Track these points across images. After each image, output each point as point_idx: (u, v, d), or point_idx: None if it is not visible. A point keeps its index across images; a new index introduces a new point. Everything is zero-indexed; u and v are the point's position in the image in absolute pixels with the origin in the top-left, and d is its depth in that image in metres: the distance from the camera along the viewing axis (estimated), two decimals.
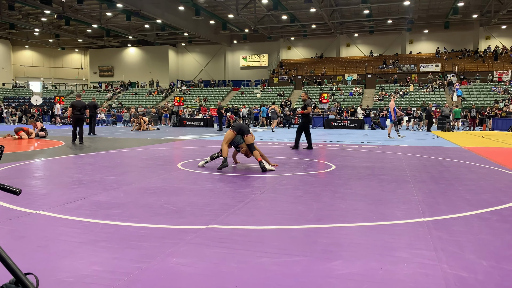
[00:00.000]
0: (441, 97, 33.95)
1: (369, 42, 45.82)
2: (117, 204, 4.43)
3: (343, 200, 4.76)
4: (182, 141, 14.04)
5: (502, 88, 33.59)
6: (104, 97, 43.93)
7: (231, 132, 7.25)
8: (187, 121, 27.00)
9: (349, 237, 3.38)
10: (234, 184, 5.76)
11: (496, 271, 2.66)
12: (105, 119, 29.69)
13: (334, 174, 6.72)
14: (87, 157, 8.94)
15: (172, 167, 7.33)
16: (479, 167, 7.68)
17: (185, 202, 4.59)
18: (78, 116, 12.83)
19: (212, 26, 43.56)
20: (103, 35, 43.97)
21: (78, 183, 5.68)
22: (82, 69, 54.69)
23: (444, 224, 3.74)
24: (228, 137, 7.25)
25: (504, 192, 5.26)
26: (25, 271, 1.83)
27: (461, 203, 4.64)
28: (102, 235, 3.35)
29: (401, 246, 3.13)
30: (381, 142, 13.91)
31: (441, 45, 42.90)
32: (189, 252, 2.98)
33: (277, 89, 40.34)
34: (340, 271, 2.65)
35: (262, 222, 3.79)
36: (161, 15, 34.93)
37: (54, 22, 38.66)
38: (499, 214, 4.12)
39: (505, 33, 41.65)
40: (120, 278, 2.51)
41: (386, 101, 34.35)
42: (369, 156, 9.59)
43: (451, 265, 2.75)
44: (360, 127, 24.55)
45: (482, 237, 3.38)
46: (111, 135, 17.07)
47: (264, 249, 3.06)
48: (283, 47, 48.64)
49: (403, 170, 7.24)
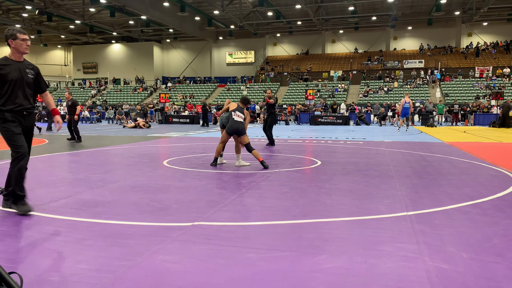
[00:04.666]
0: (424, 93, 34.44)
1: (354, 38, 46.19)
2: (102, 202, 4.40)
3: (329, 195, 4.81)
4: (168, 138, 13.97)
5: (483, 84, 34.24)
6: (89, 94, 43.33)
7: (225, 135, 7.15)
8: (173, 118, 26.85)
9: (334, 231, 3.43)
10: (220, 181, 5.77)
11: (475, 263, 2.74)
12: (89, 117, 29.31)
13: (319, 170, 6.79)
14: (72, 155, 8.83)
15: (158, 165, 7.30)
16: (461, 162, 7.84)
17: (171, 199, 4.59)
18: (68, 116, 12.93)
19: (198, 22, 43.31)
20: (87, 31, 43.36)
21: (62, 182, 5.62)
22: (66, 66, 53.82)
23: (426, 218, 3.82)
24: (223, 139, 7.21)
25: (485, 186, 5.39)
26: (9, 270, 1.82)
27: (443, 197, 4.74)
28: (87, 234, 3.33)
29: (384, 240, 3.19)
30: (366, 138, 14.07)
31: (424, 42, 43.50)
32: (176, 249, 2.99)
33: (263, 85, 40.36)
34: (325, 265, 2.69)
35: (248, 219, 3.81)
36: (145, 11, 34.59)
37: (35, 18, 37.97)
38: (479, 208, 4.23)
39: (487, 30, 42.47)
40: (106, 276, 2.50)
41: (370, 97, 34.70)
42: (354, 152, 9.70)
43: (432, 257, 2.82)
44: (346, 123, 24.76)
45: (463, 230, 3.47)
46: (96, 133, 16.88)
47: (250, 245, 3.09)
48: (269, 43, 48.67)
49: (387, 165, 7.35)
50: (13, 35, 3.84)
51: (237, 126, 7.00)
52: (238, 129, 6.99)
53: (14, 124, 3.85)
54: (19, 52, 3.90)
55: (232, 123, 7.02)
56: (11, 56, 3.91)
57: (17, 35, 3.84)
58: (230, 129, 7.01)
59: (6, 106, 3.83)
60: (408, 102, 18.02)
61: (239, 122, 7.04)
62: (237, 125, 7.01)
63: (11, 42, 3.84)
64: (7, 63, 3.84)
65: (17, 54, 3.90)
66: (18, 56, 3.92)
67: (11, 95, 3.83)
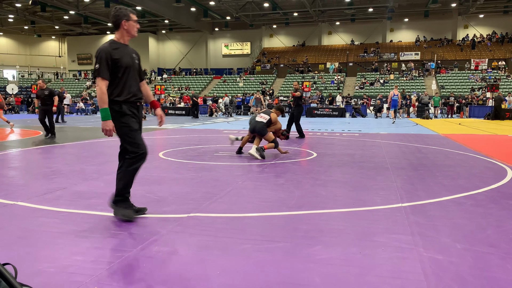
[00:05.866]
0: (420, 85, 34.48)
1: (350, 30, 46.03)
2: (97, 194, 4.39)
3: (324, 187, 4.83)
4: (164, 130, 13.92)
5: (479, 76, 34.32)
6: (83, 86, 43.02)
7: (249, 132, 7.64)
8: (168, 110, 26.74)
9: (329, 223, 3.44)
10: (216, 172, 5.77)
11: (469, 253, 2.76)
12: (84, 108, 29.14)
13: (315, 162, 6.80)
14: (66, 147, 8.79)
15: (153, 157, 7.28)
16: (456, 154, 7.88)
17: (167, 191, 4.58)
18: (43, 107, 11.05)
19: (193, 13, 42.95)
20: (81, 22, 42.85)
21: (57, 173, 5.59)
22: (60, 57, 53.30)
23: (421, 209, 3.84)
24: (248, 136, 7.72)
25: (479, 178, 5.43)
26: (4, 262, 1.81)
27: (438, 188, 4.77)
28: (83, 225, 3.32)
29: (379, 231, 3.21)
30: (362, 130, 14.10)
31: (420, 34, 43.43)
32: (171, 240, 2.99)
33: (260, 77, 40.23)
34: (320, 256, 2.70)
35: (244, 210, 3.82)
36: (140, 2, 34.23)
37: (29, 8, 37.42)
38: (474, 199, 4.26)
39: (483, 22, 42.43)
40: (102, 267, 2.50)
41: (367, 89, 34.70)
42: (349, 143, 9.72)
43: (427, 248, 2.84)
44: (342, 115, 24.77)
45: (457, 221, 3.49)
46: (91, 125, 16.80)
47: (246, 236, 3.10)
48: (265, 35, 48.43)
49: (382, 157, 7.38)
50: (127, 16, 3.40)
51: (254, 125, 7.41)
52: (255, 127, 7.38)
53: (133, 120, 3.41)
54: (129, 35, 3.46)
55: (253, 122, 7.48)
56: (119, 39, 3.44)
57: (130, 16, 3.41)
58: (251, 126, 7.48)
59: (122, 96, 3.35)
60: (396, 95, 19.22)
61: (259, 122, 7.39)
62: (255, 124, 7.40)
63: (124, 23, 3.38)
64: (117, 47, 3.38)
65: (126, 37, 3.46)
66: (127, 40, 3.48)
67: (126, 83, 3.38)
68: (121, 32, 3.43)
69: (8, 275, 1.34)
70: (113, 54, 3.30)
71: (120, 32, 3.43)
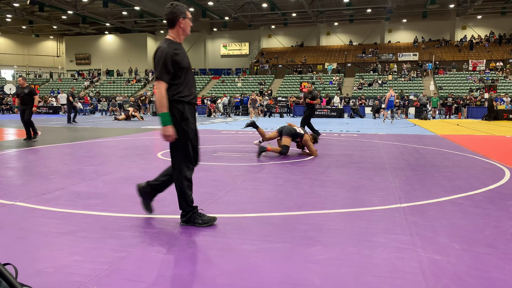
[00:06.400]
0: (418, 86, 34.55)
1: (348, 31, 46.09)
2: (96, 194, 4.38)
3: (323, 187, 4.84)
4: None
5: (477, 77, 34.41)
6: (82, 86, 42.95)
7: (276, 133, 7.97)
8: None
9: (328, 223, 3.45)
10: (215, 173, 5.77)
11: (467, 253, 2.78)
12: (82, 108, 29.08)
13: (314, 162, 6.81)
14: (65, 147, 8.78)
15: (152, 157, 7.28)
16: (454, 154, 7.90)
17: (166, 191, 4.56)
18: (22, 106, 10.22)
19: (192, 13, 42.77)
20: (79, 22, 42.78)
21: (55, 174, 5.59)
22: (58, 57, 53.20)
23: (419, 210, 3.86)
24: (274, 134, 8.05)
25: (477, 178, 5.45)
26: (3, 262, 1.81)
27: (436, 189, 4.78)
28: (81, 225, 3.32)
29: (378, 232, 3.22)
30: (360, 131, 14.12)
31: (419, 35, 43.52)
32: (170, 241, 2.99)
33: (258, 77, 40.24)
34: (319, 256, 2.71)
35: (243, 210, 3.82)
36: (139, 1, 34.21)
37: (27, 8, 37.37)
38: (472, 200, 4.28)
39: (481, 23, 42.55)
40: (101, 267, 2.51)
41: (365, 90, 34.75)
42: (348, 144, 9.73)
43: (425, 249, 2.85)
44: (340, 115, 24.79)
45: (455, 221, 3.51)
46: (89, 125, 16.77)
47: (245, 236, 3.10)
48: (264, 35, 48.44)
49: (381, 157, 7.39)
50: (184, 13, 3.19)
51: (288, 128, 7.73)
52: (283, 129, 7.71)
53: (192, 126, 3.24)
54: (185, 34, 3.27)
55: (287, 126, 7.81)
56: (175, 38, 3.24)
57: (187, 14, 3.21)
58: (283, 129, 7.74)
59: (185, 97, 3.15)
60: (393, 96, 19.67)
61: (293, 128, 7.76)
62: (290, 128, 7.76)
63: (181, 21, 3.19)
64: (177, 47, 3.17)
65: (182, 36, 3.27)
66: (182, 39, 3.30)
67: (187, 84, 3.20)
68: (177, 30, 3.23)
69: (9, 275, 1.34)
70: (174, 56, 3.11)
71: (176, 31, 3.23)
